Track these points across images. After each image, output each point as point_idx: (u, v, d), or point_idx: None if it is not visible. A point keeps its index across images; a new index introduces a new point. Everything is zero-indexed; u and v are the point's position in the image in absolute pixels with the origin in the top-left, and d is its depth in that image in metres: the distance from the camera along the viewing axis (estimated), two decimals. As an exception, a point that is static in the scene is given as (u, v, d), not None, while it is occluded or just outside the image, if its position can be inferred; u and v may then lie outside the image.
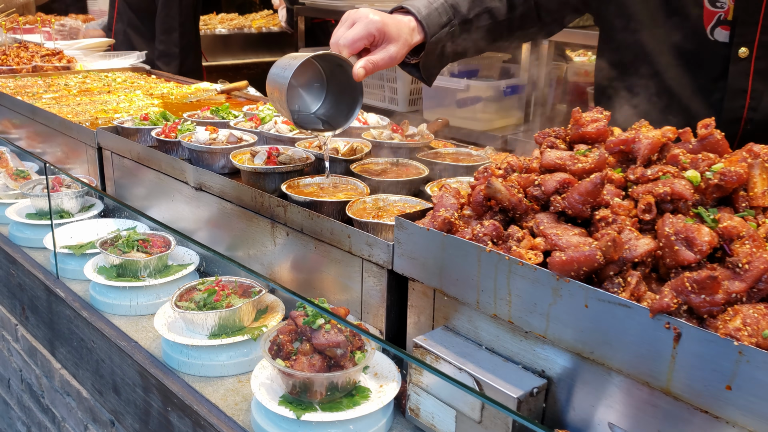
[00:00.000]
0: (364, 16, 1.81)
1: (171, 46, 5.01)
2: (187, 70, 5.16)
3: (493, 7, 2.03)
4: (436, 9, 1.93)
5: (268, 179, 2.07)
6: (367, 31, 1.80)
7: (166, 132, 2.47)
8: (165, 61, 5.02)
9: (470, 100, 4.70)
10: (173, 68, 5.00)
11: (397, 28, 1.85)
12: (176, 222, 2.40)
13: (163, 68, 4.93)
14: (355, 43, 1.80)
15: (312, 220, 1.80)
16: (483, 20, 2.03)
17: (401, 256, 1.57)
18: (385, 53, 1.83)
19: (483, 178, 1.53)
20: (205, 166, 2.28)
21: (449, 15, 1.95)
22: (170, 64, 5.00)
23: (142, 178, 2.52)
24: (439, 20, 1.93)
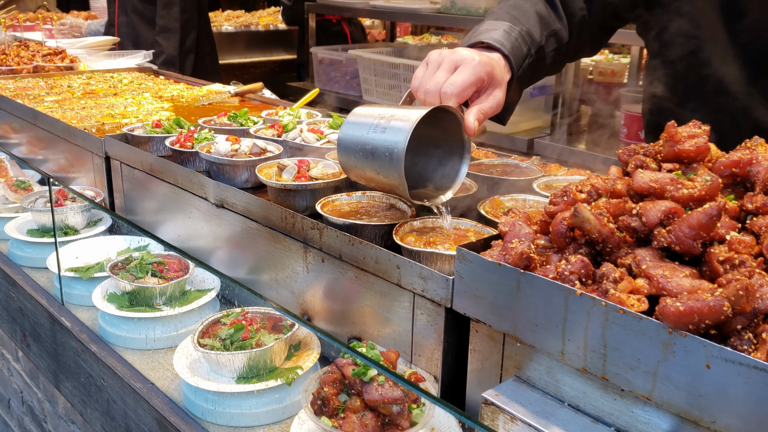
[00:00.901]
0: (470, 59, 1.56)
1: (171, 20, 4.75)
2: (188, 48, 4.90)
3: (558, 30, 1.82)
4: (517, 39, 1.70)
5: (299, 197, 1.85)
6: (476, 76, 1.55)
7: (182, 141, 2.25)
8: (165, 37, 4.75)
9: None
10: (173, 43, 4.75)
11: (500, 70, 1.62)
12: (193, 240, 2.18)
13: (162, 43, 4.72)
14: (465, 91, 1.54)
15: (353, 246, 1.58)
16: (551, 44, 1.81)
17: (463, 294, 1.35)
18: (493, 101, 1.60)
19: (564, 203, 1.31)
20: (225, 179, 2.06)
21: (528, 44, 1.72)
22: (170, 39, 4.74)
23: (154, 191, 2.30)
24: (521, 52, 1.70)
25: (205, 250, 2.13)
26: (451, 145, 1.68)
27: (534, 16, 1.76)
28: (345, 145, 1.62)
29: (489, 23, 1.74)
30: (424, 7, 5.15)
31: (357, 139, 1.58)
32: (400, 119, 1.51)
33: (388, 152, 1.50)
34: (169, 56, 4.72)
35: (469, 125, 1.58)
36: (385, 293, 1.55)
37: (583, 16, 1.87)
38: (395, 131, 1.50)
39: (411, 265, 1.45)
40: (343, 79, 5.61)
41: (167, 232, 2.30)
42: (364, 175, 1.61)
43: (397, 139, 1.48)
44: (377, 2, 5.39)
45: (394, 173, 1.50)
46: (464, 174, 1.67)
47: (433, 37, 8.89)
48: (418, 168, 1.69)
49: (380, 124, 1.54)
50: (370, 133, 1.55)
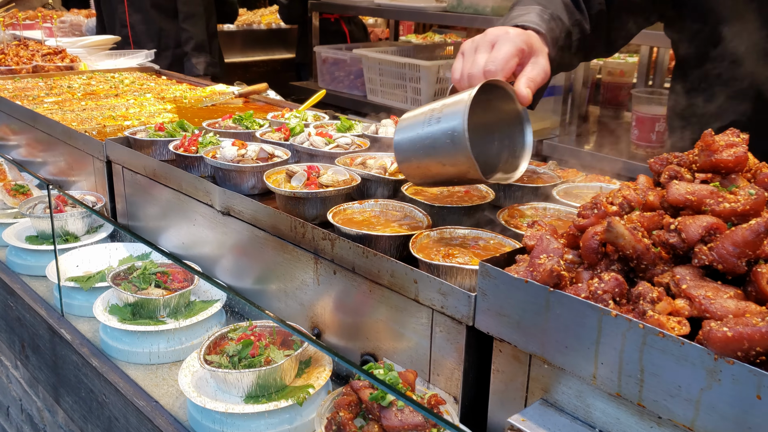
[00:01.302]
0: (504, 33, 1.55)
1: (193, 5, 4.81)
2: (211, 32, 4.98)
3: (580, 20, 1.77)
4: (549, 22, 1.66)
5: (309, 204, 1.77)
6: (516, 47, 1.53)
7: (186, 145, 2.17)
8: (192, 22, 4.80)
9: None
10: (201, 27, 4.80)
11: (537, 41, 1.60)
12: (197, 247, 2.10)
13: (191, 29, 4.76)
14: (508, 63, 1.52)
15: (367, 259, 1.50)
16: (576, 33, 1.75)
17: (487, 312, 1.27)
18: (538, 68, 1.57)
19: (595, 216, 1.23)
20: (231, 185, 1.98)
21: (559, 27, 1.68)
22: (197, 24, 4.80)
23: (157, 196, 2.23)
24: (554, 33, 1.66)
25: (210, 258, 2.06)
26: (508, 123, 1.64)
27: (560, 3, 1.73)
28: (403, 149, 1.57)
29: (519, 9, 1.70)
30: (430, 5, 5.07)
31: (413, 139, 1.54)
32: (452, 104, 1.47)
33: (450, 138, 1.45)
34: (199, 40, 4.78)
35: (521, 93, 1.53)
36: (401, 308, 1.47)
37: (600, 11, 1.81)
38: (450, 116, 1.45)
39: (430, 280, 1.38)
40: (347, 79, 5.53)
41: (171, 239, 2.23)
42: (429, 172, 1.55)
43: (454, 122, 1.43)
44: (382, 0, 5.31)
45: (461, 156, 1.44)
46: (531, 142, 1.62)
47: (437, 36, 8.80)
48: (482, 155, 1.61)
49: (433, 116, 1.50)
50: (425, 128, 1.51)
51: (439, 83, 4.72)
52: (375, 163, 1.95)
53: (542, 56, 1.58)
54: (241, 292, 1.95)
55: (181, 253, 2.18)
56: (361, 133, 2.43)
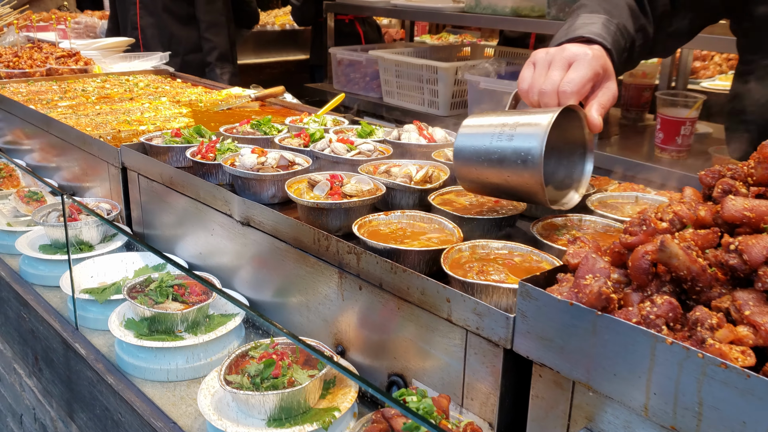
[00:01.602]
0: (583, 54, 1.48)
1: (217, 14, 4.69)
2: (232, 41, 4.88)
3: (644, 24, 1.69)
4: (615, 33, 1.59)
5: (332, 215, 1.70)
6: (593, 71, 1.47)
7: (203, 152, 2.10)
8: (215, 32, 4.70)
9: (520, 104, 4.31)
10: (224, 37, 4.70)
11: (608, 61, 1.54)
12: (215, 257, 2.04)
13: (214, 39, 4.66)
14: (584, 86, 1.47)
15: (395, 275, 1.43)
16: (639, 39, 1.68)
17: (526, 335, 1.20)
18: (609, 93, 1.51)
19: (644, 234, 1.15)
20: (250, 194, 1.91)
21: (625, 38, 1.61)
22: (220, 34, 4.70)
23: (174, 204, 2.16)
24: (620, 46, 1.59)
25: (229, 268, 1.99)
26: (570, 146, 1.61)
27: (626, 9, 1.65)
28: (465, 156, 1.54)
29: (585, 17, 1.62)
30: (447, 6, 4.98)
31: (479, 149, 1.51)
32: (528, 124, 1.44)
33: (522, 160, 1.43)
34: (223, 50, 4.69)
35: (594, 121, 1.48)
36: (432, 328, 1.40)
37: (664, 11, 1.73)
38: (526, 137, 1.43)
39: (464, 299, 1.30)
40: (362, 81, 5.46)
41: (187, 249, 2.16)
42: (489, 184, 1.54)
43: (530, 144, 1.41)
44: (398, 1, 5.23)
45: (531, 179, 1.43)
46: (590, 172, 1.60)
47: (451, 36, 8.72)
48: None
49: (505, 132, 1.47)
50: (494, 142, 1.48)
51: (457, 85, 4.64)
52: (400, 172, 1.88)
53: (613, 80, 1.53)
54: (261, 304, 1.88)
55: (198, 263, 2.12)
56: (382, 138, 2.36)
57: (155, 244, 2.30)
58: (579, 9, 1.70)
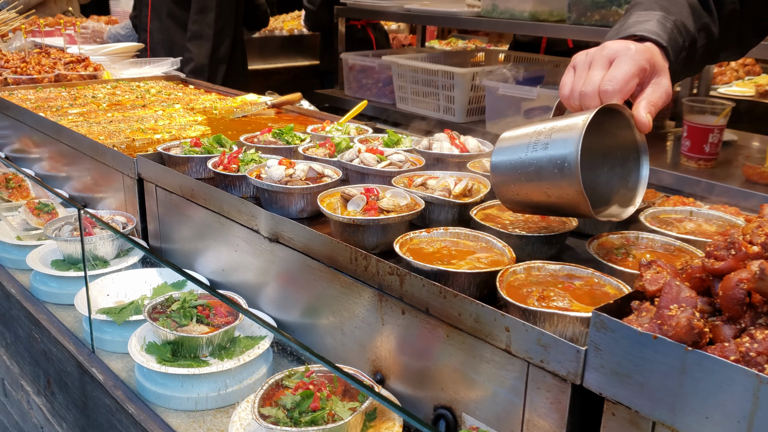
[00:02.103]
0: (624, 49, 1.36)
1: (205, 27, 4.43)
2: (220, 57, 4.60)
3: (708, 23, 1.56)
4: (672, 30, 1.46)
5: (369, 233, 1.58)
6: (637, 66, 1.35)
7: (225, 163, 1.99)
8: (196, 44, 4.45)
9: (540, 111, 4.20)
10: (204, 51, 4.44)
11: (659, 56, 1.41)
12: (238, 273, 1.92)
13: (193, 50, 4.40)
14: (628, 84, 1.34)
15: (445, 300, 1.31)
16: (702, 39, 1.55)
17: (600, 370, 1.08)
18: (660, 90, 1.38)
19: (733, 259, 1.04)
20: (277, 208, 1.80)
21: (683, 36, 1.48)
22: (201, 47, 4.44)
23: (194, 218, 2.05)
24: (677, 44, 1.46)
25: (253, 285, 1.87)
26: (622, 150, 1.47)
27: (686, 6, 1.52)
28: (502, 172, 1.42)
29: (638, 14, 1.50)
30: (463, 11, 4.87)
31: (515, 164, 1.39)
32: (563, 129, 1.31)
33: (558, 168, 1.30)
34: (198, 64, 4.42)
35: (641, 120, 1.36)
36: (486, 359, 1.28)
37: (733, 10, 1.60)
38: (561, 143, 1.30)
39: (526, 329, 1.18)
40: (375, 87, 5.35)
41: (208, 264, 2.05)
42: (530, 202, 1.41)
43: (566, 150, 1.28)
44: (412, 5, 5.12)
45: (570, 189, 1.29)
46: (647, 177, 1.45)
47: (460, 41, 8.63)
48: (592, 186, 1.45)
49: (540, 140, 1.34)
50: (530, 153, 1.35)
51: (474, 91, 4.53)
52: (437, 184, 1.77)
53: (665, 76, 1.39)
54: (289, 325, 1.77)
55: (219, 280, 2.00)
56: (410, 147, 2.25)
57: (173, 259, 2.19)
58: (633, 7, 1.58)
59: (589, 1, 4.09)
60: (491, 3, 4.68)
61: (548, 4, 4.34)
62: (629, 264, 1.41)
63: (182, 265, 2.15)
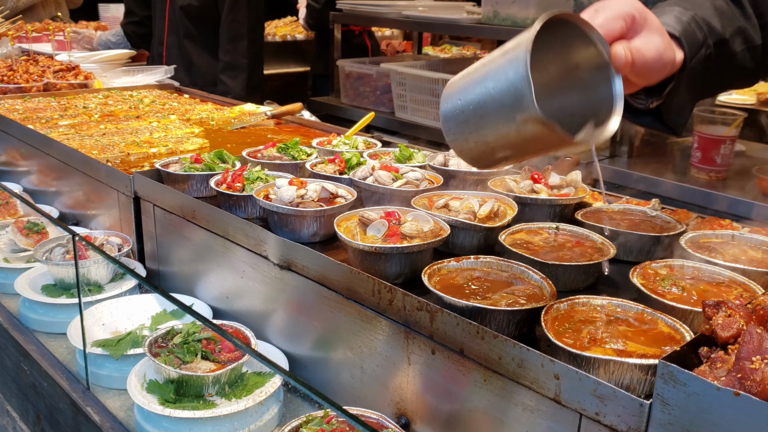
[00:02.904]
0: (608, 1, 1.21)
1: (239, 56, 4.23)
2: (254, 85, 4.44)
3: (744, 28, 1.43)
4: (689, 23, 1.33)
5: (392, 261, 1.45)
6: (623, 10, 1.19)
7: (229, 181, 1.86)
8: (231, 75, 4.25)
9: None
10: (240, 82, 4.27)
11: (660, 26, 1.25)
12: (243, 300, 1.79)
13: (228, 83, 4.22)
14: (610, 22, 1.17)
15: (483, 341, 1.18)
16: (738, 43, 1.42)
17: (667, 426, 0.96)
18: (650, 41, 1.20)
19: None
20: (287, 232, 1.67)
21: (704, 32, 1.34)
22: (237, 78, 4.26)
23: (195, 240, 1.91)
24: (695, 38, 1.32)
25: (260, 314, 1.74)
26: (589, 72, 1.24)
27: (710, 7, 1.39)
28: (454, 121, 1.19)
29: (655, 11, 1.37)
30: (463, 17, 4.76)
31: (466, 105, 1.16)
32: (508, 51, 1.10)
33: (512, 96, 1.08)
34: (235, 95, 4.15)
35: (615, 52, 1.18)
36: (529, 407, 1.16)
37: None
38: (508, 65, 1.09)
39: (579, 377, 1.06)
40: (372, 95, 5.23)
41: (211, 290, 1.91)
42: (491, 142, 1.17)
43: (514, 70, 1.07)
44: (410, 12, 5.01)
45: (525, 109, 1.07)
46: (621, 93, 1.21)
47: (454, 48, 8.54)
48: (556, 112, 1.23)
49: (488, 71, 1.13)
50: (478, 89, 1.14)
51: (475, 100, 4.40)
52: (461, 206, 1.64)
53: (659, 37, 1.22)
54: (300, 359, 1.63)
55: (223, 307, 1.87)
56: (422, 163, 2.13)
57: (172, 283, 2.05)
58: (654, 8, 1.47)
59: (594, 8, 3.97)
60: (492, 9, 4.57)
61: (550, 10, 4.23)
62: (682, 299, 1.29)
63: (182, 289, 2.01)
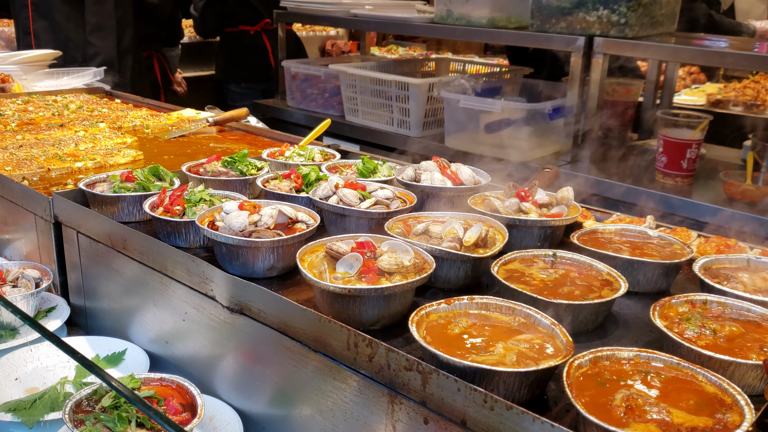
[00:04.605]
0: None
1: (105, 17, 4.08)
2: (125, 48, 4.26)
3: None
4: None
5: (369, 305, 1.21)
6: None
7: (167, 204, 1.58)
8: (100, 36, 4.08)
9: (501, 124, 3.91)
10: (110, 42, 4.09)
11: None
12: (184, 343, 1.52)
13: (98, 44, 4.04)
14: None
15: (493, 413, 0.95)
16: None
17: None
18: None
19: None
20: (238, 266, 1.41)
21: None
22: (106, 39, 4.09)
23: (127, 274, 1.63)
24: None
25: (206, 361, 1.47)
26: None
27: None
28: None
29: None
30: (416, 16, 4.55)
31: None
32: None
33: None
34: (107, 56, 4.05)
35: None
36: (554, 494, 0.93)
37: None
38: None
39: (624, 465, 0.84)
40: (320, 97, 4.96)
41: (146, 331, 1.63)
42: None
43: None
44: (359, 11, 4.76)
45: None
46: None
47: (400, 48, 8.35)
48: None
49: None
50: None
51: (430, 103, 4.21)
52: (443, 232, 1.41)
53: None
54: (255, 416, 1.37)
55: (162, 353, 1.59)
56: (389, 177, 1.89)
57: (102, 321, 1.76)
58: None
59: (554, 8, 3.83)
60: (445, 9, 4.37)
61: (505, 10, 4.08)
62: (716, 346, 1.09)
63: (114, 330, 1.72)
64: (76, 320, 1.83)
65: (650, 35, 3.65)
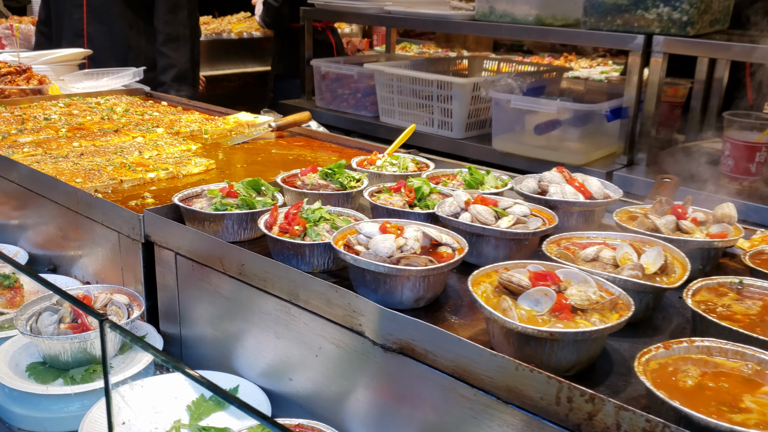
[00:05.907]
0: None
1: (179, 26, 3.85)
2: (196, 59, 4.07)
3: None
4: None
5: (567, 349, 1.05)
6: None
7: (284, 223, 1.42)
8: (173, 47, 3.85)
9: (552, 125, 3.76)
10: (184, 54, 3.88)
11: None
12: (320, 386, 1.35)
13: (172, 55, 3.82)
14: None
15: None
16: None
17: None
18: None
19: None
20: (381, 295, 1.24)
21: None
22: (180, 50, 3.87)
23: (239, 301, 1.46)
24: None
25: (341, 401, 1.31)
26: None
27: None
28: None
29: None
30: (454, 13, 4.38)
31: None
32: None
33: None
34: (182, 69, 3.84)
35: None
36: None
37: None
38: None
39: None
40: (352, 97, 4.79)
41: (262, 365, 1.46)
42: None
43: None
44: (394, 7, 4.59)
45: None
46: None
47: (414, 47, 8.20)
48: None
49: None
50: None
51: (474, 103, 4.06)
52: (617, 258, 1.25)
53: None
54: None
55: (279, 389, 1.42)
56: (500, 189, 1.74)
57: (201, 352, 1.59)
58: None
59: (610, 5, 3.69)
60: (487, 6, 4.21)
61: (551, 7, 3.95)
62: None
63: (213, 361, 1.55)
64: (168, 349, 1.66)
65: (708, 33, 3.52)
